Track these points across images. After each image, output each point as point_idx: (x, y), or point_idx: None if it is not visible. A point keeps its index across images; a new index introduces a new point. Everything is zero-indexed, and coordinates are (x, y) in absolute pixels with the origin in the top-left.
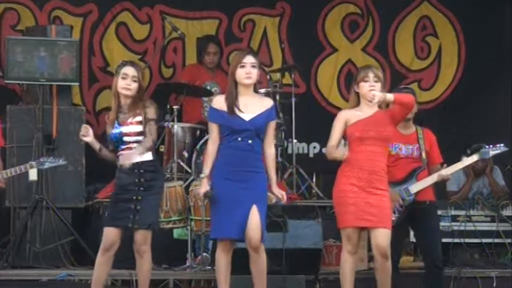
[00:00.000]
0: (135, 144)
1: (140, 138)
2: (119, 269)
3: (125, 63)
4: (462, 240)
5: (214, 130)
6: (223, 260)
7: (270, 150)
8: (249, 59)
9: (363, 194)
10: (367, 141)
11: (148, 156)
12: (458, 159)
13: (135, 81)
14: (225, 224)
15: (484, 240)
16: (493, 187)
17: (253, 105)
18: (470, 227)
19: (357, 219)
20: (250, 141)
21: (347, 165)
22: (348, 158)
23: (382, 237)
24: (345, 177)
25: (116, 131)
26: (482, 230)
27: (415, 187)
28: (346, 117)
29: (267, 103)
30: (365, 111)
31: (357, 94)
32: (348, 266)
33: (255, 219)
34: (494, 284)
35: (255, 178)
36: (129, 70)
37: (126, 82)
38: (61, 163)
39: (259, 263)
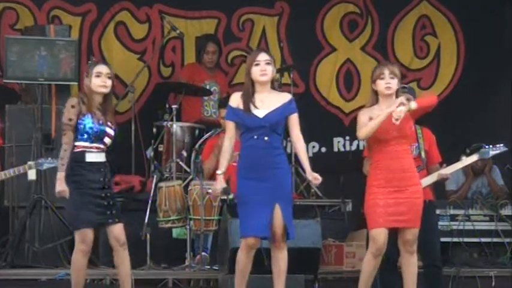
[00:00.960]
0: (103, 146)
1: (108, 142)
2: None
3: (95, 63)
4: (461, 239)
5: (230, 128)
6: (243, 260)
7: (299, 143)
8: (263, 57)
9: (393, 194)
10: (391, 141)
11: (103, 157)
12: (458, 159)
13: (109, 77)
14: (250, 223)
15: (483, 240)
16: (492, 186)
17: (270, 102)
18: (469, 226)
19: (385, 221)
20: (266, 138)
21: (375, 168)
22: (375, 161)
23: (411, 235)
24: (376, 180)
25: (100, 127)
26: (481, 230)
27: None
28: (368, 115)
29: (285, 97)
30: (384, 109)
31: (375, 92)
32: (368, 267)
33: (277, 218)
34: (493, 284)
35: (276, 175)
36: (102, 68)
37: (102, 80)
38: None
39: (280, 262)
